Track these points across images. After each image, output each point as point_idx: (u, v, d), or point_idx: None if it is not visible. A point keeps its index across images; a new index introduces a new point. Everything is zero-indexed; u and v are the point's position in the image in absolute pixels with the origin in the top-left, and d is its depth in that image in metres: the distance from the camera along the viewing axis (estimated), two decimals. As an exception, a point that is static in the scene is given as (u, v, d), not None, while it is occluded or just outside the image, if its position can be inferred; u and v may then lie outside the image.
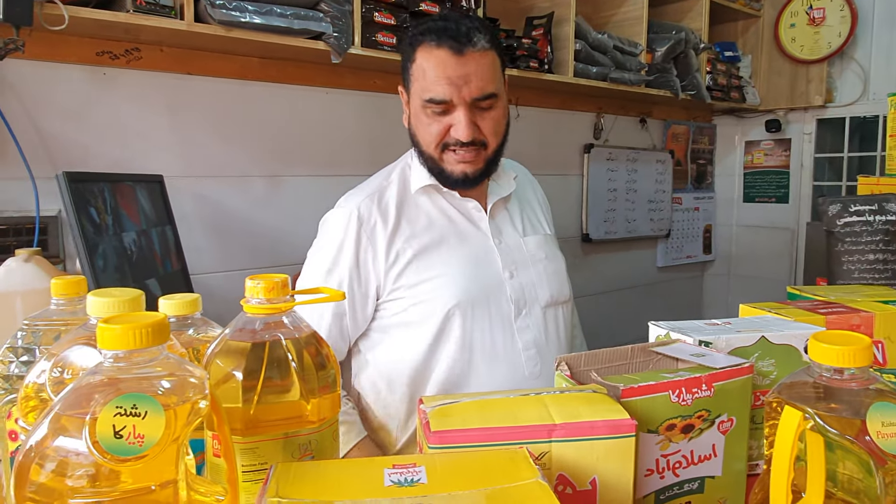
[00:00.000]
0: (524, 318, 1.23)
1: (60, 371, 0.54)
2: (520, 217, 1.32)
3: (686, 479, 0.74)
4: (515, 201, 1.33)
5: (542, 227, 1.35)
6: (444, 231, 1.23)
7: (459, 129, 1.14)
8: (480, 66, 1.14)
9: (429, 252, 1.20)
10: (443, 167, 1.19)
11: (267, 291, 0.63)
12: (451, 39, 1.12)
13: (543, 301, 1.26)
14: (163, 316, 0.46)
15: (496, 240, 1.25)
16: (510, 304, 1.22)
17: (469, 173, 1.19)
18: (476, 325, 1.19)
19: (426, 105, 1.15)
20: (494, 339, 1.20)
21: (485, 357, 1.19)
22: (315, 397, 0.63)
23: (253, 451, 0.59)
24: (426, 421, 0.60)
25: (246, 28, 1.55)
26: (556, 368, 0.80)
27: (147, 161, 1.72)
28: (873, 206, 1.42)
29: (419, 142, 1.20)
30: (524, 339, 1.22)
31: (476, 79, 1.13)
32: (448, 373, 1.19)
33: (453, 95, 1.13)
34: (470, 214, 1.26)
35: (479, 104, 1.15)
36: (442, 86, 1.12)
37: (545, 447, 0.59)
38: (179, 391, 0.47)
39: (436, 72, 1.13)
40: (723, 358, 0.78)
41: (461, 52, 1.13)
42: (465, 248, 1.22)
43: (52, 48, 1.54)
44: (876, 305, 1.05)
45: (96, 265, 1.11)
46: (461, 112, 1.14)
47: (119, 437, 0.41)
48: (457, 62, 1.12)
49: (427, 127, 1.17)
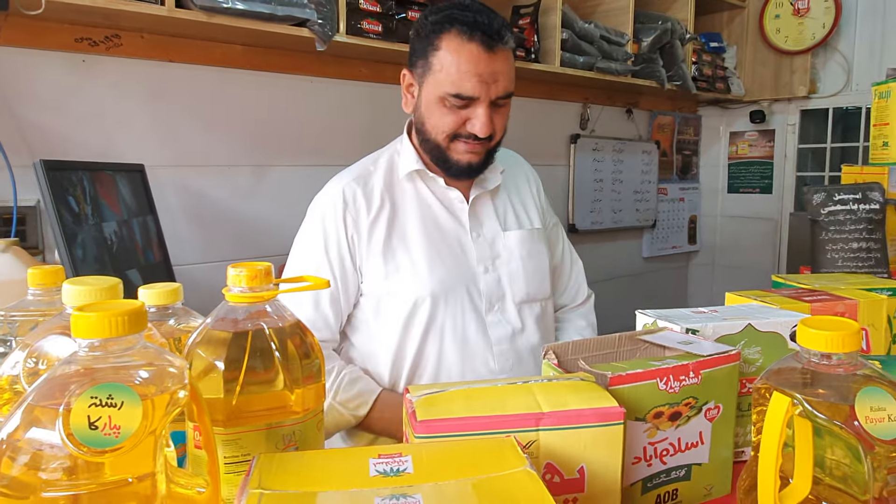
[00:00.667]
0: (496, 314, 1.23)
1: (35, 362, 0.52)
2: (505, 210, 1.31)
3: (673, 467, 0.74)
4: (504, 194, 1.33)
5: (528, 222, 1.33)
6: (424, 220, 1.22)
7: (478, 125, 1.13)
8: (506, 64, 1.14)
9: (406, 240, 1.21)
10: (449, 156, 1.19)
11: (249, 280, 0.62)
12: (483, 34, 1.10)
13: (518, 297, 1.25)
14: (140, 303, 0.45)
15: (474, 233, 1.25)
16: (482, 298, 1.22)
17: (474, 164, 1.19)
18: (448, 317, 1.20)
19: (448, 97, 1.13)
20: (466, 332, 1.20)
21: (456, 349, 1.20)
22: (299, 387, 0.61)
23: (235, 443, 0.58)
24: (412, 410, 0.59)
25: (228, 14, 1.52)
26: (544, 357, 0.80)
27: (128, 150, 1.69)
28: (857, 195, 1.43)
29: (428, 130, 1.19)
30: (496, 334, 1.22)
31: (503, 78, 1.14)
32: (423, 360, 1.20)
33: (482, 93, 1.12)
34: (452, 205, 1.25)
35: (498, 101, 1.15)
36: (472, 82, 1.11)
37: (533, 436, 0.59)
38: (158, 381, 0.45)
39: (467, 67, 1.11)
40: (710, 345, 0.78)
41: (492, 48, 1.11)
42: (442, 239, 1.22)
43: (29, 34, 1.51)
44: (860, 293, 1.06)
45: (75, 255, 1.08)
46: (483, 109, 1.13)
47: (94, 428, 0.39)
48: (489, 59, 1.11)
49: (442, 117, 1.15)
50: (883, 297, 1.04)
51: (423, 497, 0.43)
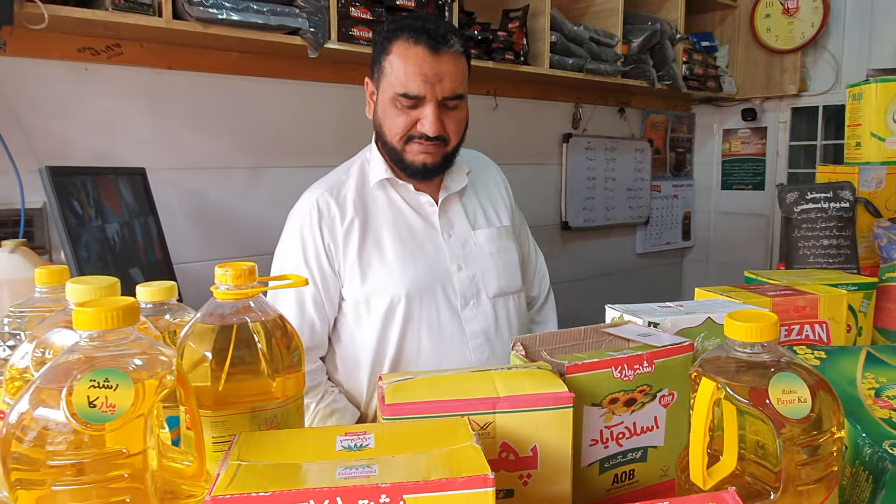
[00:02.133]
0: (471, 309, 1.29)
1: (42, 352, 0.59)
2: (474, 210, 1.37)
3: (630, 449, 0.79)
4: (472, 194, 1.38)
5: (497, 220, 1.39)
6: (396, 225, 1.28)
7: (426, 125, 1.20)
8: (453, 66, 1.21)
9: (381, 244, 1.27)
10: (404, 157, 1.25)
11: (235, 278, 0.69)
12: (428, 38, 1.18)
13: (492, 292, 1.32)
14: (132, 300, 0.51)
15: (446, 234, 1.31)
16: (457, 296, 1.28)
17: (428, 164, 1.24)
18: (424, 316, 1.26)
19: (398, 98, 1.20)
20: (442, 328, 1.27)
21: (433, 346, 1.26)
22: (280, 376, 0.68)
23: (222, 424, 0.65)
24: (382, 395, 0.65)
25: (223, 24, 1.58)
26: (512, 348, 0.86)
27: (129, 154, 1.76)
28: (828, 194, 1.48)
29: (384, 133, 1.25)
30: (471, 328, 1.28)
31: (448, 79, 1.20)
32: (402, 357, 1.26)
33: (427, 92, 1.18)
34: (422, 209, 1.31)
35: (447, 103, 1.21)
36: (417, 82, 1.18)
37: (490, 418, 0.65)
38: (149, 367, 0.52)
39: (412, 68, 1.18)
40: (667, 337, 0.84)
41: (437, 51, 1.19)
42: (415, 241, 1.28)
43: (34, 45, 1.58)
44: (822, 288, 1.10)
45: (80, 255, 1.15)
46: (430, 108, 1.19)
47: (93, 406, 0.46)
48: (433, 60, 1.18)
49: (395, 118, 1.22)
50: (843, 292, 1.09)
51: (378, 467, 0.50)
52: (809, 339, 1.08)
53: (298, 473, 0.49)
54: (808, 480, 0.58)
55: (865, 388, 0.82)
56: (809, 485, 0.58)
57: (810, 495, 0.59)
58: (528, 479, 0.67)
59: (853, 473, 0.73)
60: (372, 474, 0.48)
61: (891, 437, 0.72)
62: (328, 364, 1.33)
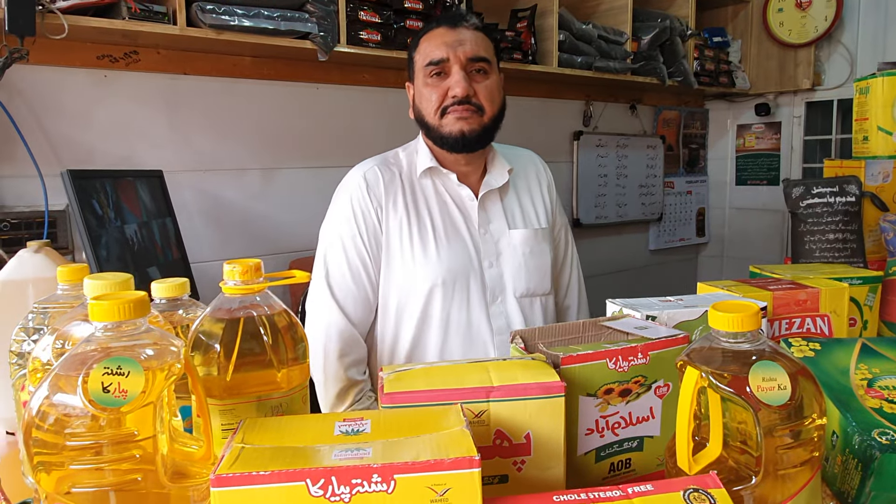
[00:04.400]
0: (499, 305, 1.32)
1: (62, 343, 0.63)
2: (512, 209, 1.38)
3: (626, 438, 0.81)
4: (513, 193, 1.40)
5: (535, 221, 1.40)
6: (436, 214, 1.31)
7: (455, 87, 1.24)
8: (472, 34, 1.28)
9: (424, 229, 1.30)
10: (442, 131, 1.27)
11: (242, 274, 0.72)
12: (446, 19, 1.28)
13: (519, 291, 1.34)
14: (143, 293, 0.55)
15: (482, 229, 1.33)
16: (486, 291, 1.31)
17: (466, 131, 1.26)
18: (454, 305, 1.28)
19: (426, 71, 1.26)
20: (470, 321, 1.29)
21: (459, 338, 1.28)
22: (285, 367, 0.72)
23: (230, 412, 0.69)
24: (381, 385, 0.69)
25: (236, 30, 1.63)
26: (511, 341, 0.89)
27: (147, 157, 1.82)
28: (834, 188, 1.49)
29: (424, 115, 1.30)
30: (497, 324, 1.31)
31: (469, 43, 1.26)
32: (422, 348, 1.29)
33: (449, 54, 1.25)
34: (463, 202, 1.34)
35: (473, 66, 1.26)
36: (439, 48, 1.25)
37: (484, 406, 0.68)
38: (159, 357, 0.56)
39: (434, 40, 1.26)
40: (664, 330, 0.86)
41: (455, 25, 1.27)
42: (452, 233, 1.31)
43: (55, 54, 1.63)
44: (823, 281, 1.11)
45: (100, 255, 1.20)
46: (456, 71, 1.25)
47: (107, 391, 0.50)
48: (452, 31, 1.27)
49: (429, 96, 1.27)
50: (844, 286, 1.09)
51: (372, 450, 0.53)
52: (811, 332, 1.09)
53: (297, 455, 0.52)
54: (789, 465, 0.60)
55: (858, 378, 0.83)
56: (790, 469, 0.60)
57: (792, 479, 0.61)
58: (521, 466, 0.69)
59: (843, 461, 0.75)
60: (366, 456, 0.51)
61: (880, 426, 0.73)
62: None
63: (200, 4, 1.56)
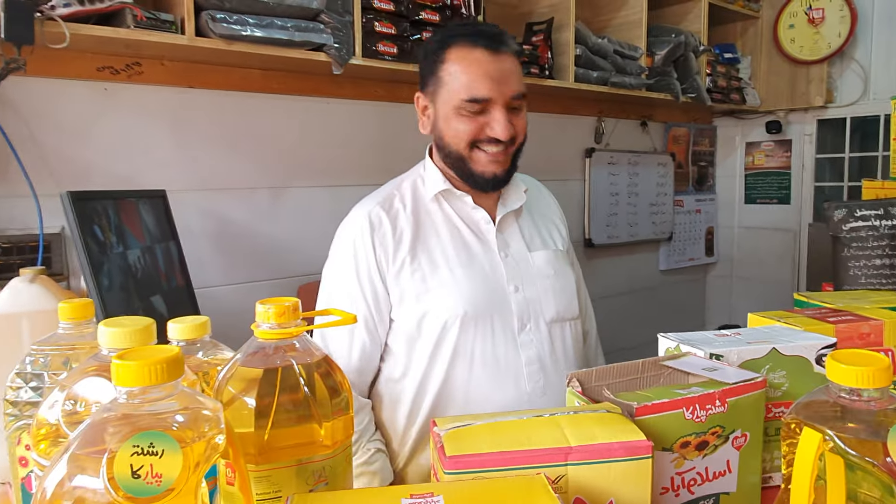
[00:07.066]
0: (528, 333, 1.22)
1: (73, 404, 0.53)
2: (530, 231, 1.31)
3: (701, 497, 0.73)
4: (527, 215, 1.33)
5: (552, 243, 1.34)
6: (451, 242, 1.23)
7: (498, 128, 1.15)
8: (514, 66, 1.18)
9: (435, 262, 1.21)
10: (472, 168, 1.20)
11: (278, 316, 0.63)
12: (486, 40, 1.16)
13: (549, 317, 1.25)
14: (177, 350, 0.46)
15: (502, 253, 1.25)
16: (514, 319, 1.22)
17: (498, 174, 1.20)
18: (478, 338, 1.19)
19: (464, 105, 1.15)
20: (497, 352, 1.20)
21: (486, 370, 1.19)
22: (328, 421, 0.62)
23: (267, 479, 0.59)
24: (440, 445, 0.59)
25: (247, 41, 1.54)
26: (568, 385, 0.80)
27: (150, 176, 1.72)
28: (879, 211, 1.42)
29: (448, 143, 1.20)
30: (527, 354, 1.21)
31: (513, 78, 1.17)
32: (449, 385, 1.19)
33: (494, 93, 1.15)
34: (478, 226, 1.25)
35: (512, 103, 1.18)
36: (484, 84, 1.14)
37: (561, 470, 0.59)
38: (194, 425, 0.46)
39: (476, 70, 1.14)
40: (734, 372, 0.78)
41: (497, 51, 1.16)
42: (472, 259, 1.22)
43: (52, 64, 1.54)
44: (885, 313, 1.04)
45: (101, 284, 1.10)
46: (499, 110, 1.16)
47: (137, 476, 0.40)
48: (495, 60, 1.15)
49: (459, 126, 1.17)
50: (909, 317, 1.03)
51: (457, 540, 0.44)
52: (875, 368, 1.01)
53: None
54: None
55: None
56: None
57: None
58: (604, 539, 0.60)
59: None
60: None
61: None
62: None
63: (211, 13, 1.48)
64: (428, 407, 1.19)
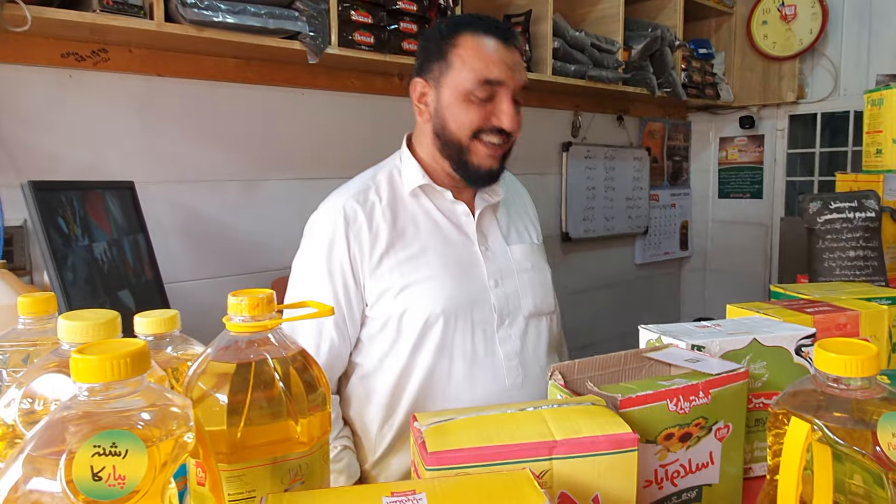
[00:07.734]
0: (507, 328, 1.21)
1: (31, 402, 0.50)
2: (507, 225, 1.30)
3: (684, 489, 0.73)
4: (504, 209, 1.32)
5: (528, 237, 1.33)
6: (430, 236, 1.20)
7: (505, 119, 1.15)
8: (521, 60, 1.20)
9: (414, 257, 1.18)
10: (469, 159, 1.18)
11: (251, 308, 0.60)
12: (498, 30, 1.17)
13: (527, 311, 1.24)
14: (142, 344, 0.43)
15: (482, 247, 1.23)
16: (493, 314, 1.20)
17: (494, 169, 1.19)
18: (458, 333, 1.17)
19: (476, 87, 1.14)
20: (476, 347, 1.18)
21: (465, 365, 1.17)
22: (304, 417, 0.60)
23: (239, 479, 0.56)
24: (422, 441, 0.57)
25: (219, 28, 1.50)
26: (550, 378, 0.78)
27: (117, 167, 1.66)
28: (853, 203, 1.43)
29: (449, 131, 1.17)
30: (506, 349, 1.20)
31: (521, 69, 1.18)
32: (427, 380, 1.17)
33: (508, 78, 1.15)
34: (458, 219, 1.23)
35: (518, 95, 1.18)
36: (499, 67, 1.14)
37: (546, 465, 0.57)
38: (161, 423, 0.43)
39: (492, 55, 1.15)
40: (717, 363, 0.77)
41: (508, 42, 1.17)
42: (451, 253, 1.20)
43: (13, 49, 1.48)
44: (861, 304, 1.05)
45: (66, 278, 1.06)
46: (507, 100, 1.16)
47: (98, 478, 0.37)
48: (507, 49, 1.17)
49: (466, 113, 1.15)
50: (884, 308, 1.04)
51: (441, 540, 0.42)
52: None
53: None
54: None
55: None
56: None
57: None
58: (589, 534, 0.59)
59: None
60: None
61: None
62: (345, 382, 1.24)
63: (180, -2, 1.43)
64: (406, 403, 1.17)
